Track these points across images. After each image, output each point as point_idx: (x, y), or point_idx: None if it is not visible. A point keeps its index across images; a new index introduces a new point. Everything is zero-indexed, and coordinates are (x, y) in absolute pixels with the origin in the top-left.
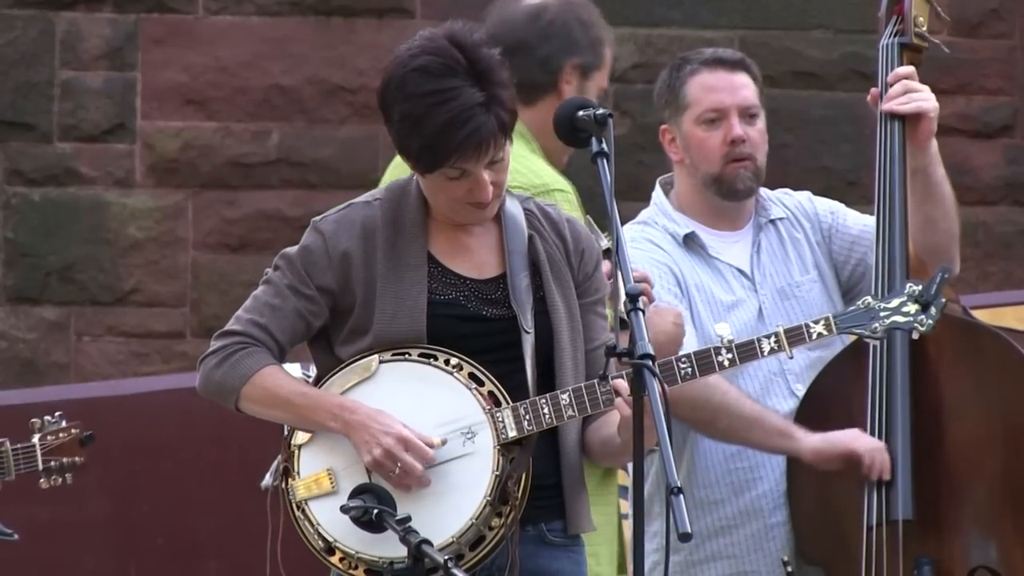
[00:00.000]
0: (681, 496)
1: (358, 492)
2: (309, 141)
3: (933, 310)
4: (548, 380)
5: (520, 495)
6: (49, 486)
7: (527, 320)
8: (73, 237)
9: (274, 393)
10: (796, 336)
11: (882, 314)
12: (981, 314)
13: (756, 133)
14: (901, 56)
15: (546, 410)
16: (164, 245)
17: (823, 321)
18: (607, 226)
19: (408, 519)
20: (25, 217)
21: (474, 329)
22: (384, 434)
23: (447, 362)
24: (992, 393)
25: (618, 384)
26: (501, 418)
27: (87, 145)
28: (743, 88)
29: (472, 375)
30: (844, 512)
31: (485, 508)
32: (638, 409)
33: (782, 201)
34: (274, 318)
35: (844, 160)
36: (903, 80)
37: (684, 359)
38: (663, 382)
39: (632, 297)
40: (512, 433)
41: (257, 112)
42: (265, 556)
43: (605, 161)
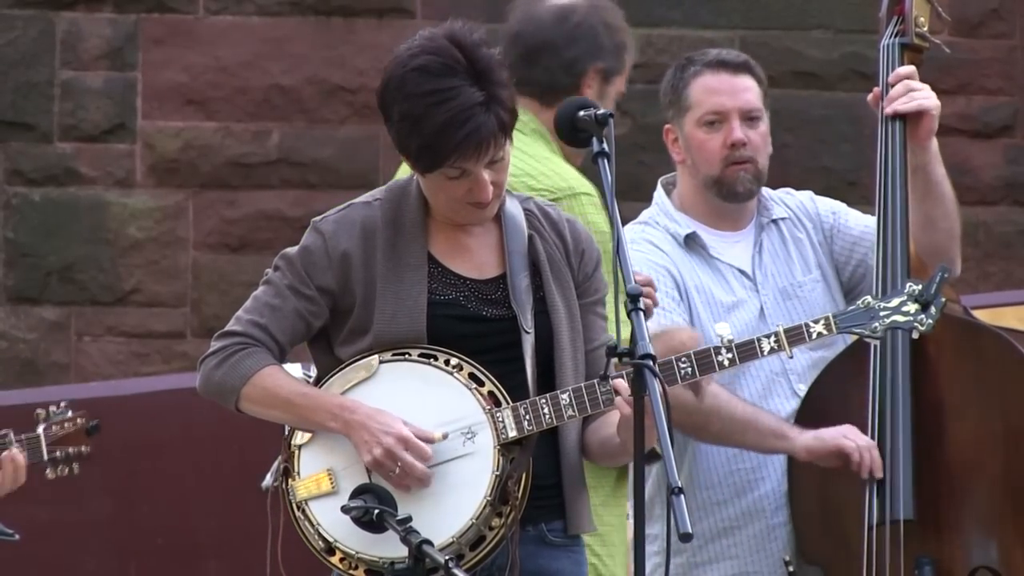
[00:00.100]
0: (682, 496)
1: (358, 492)
2: (309, 141)
3: (933, 309)
4: (548, 380)
5: (520, 495)
6: (55, 476)
7: (527, 320)
8: (73, 237)
9: (274, 393)
10: (796, 336)
11: (882, 314)
12: (981, 314)
13: (757, 136)
14: (902, 56)
15: (546, 410)
16: (164, 245)
17: (823, 321)
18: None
19: (409, 519)
20: (25, 217)
21: (474, 329)
22: (384, 433)
23: (447, 362)
24: (992, 393)
25: (618, 384)
26: (501, 418)
27: (87, 145)
28: (745, 91)
29: (472, 375)
30: (845, 512)
31: (485, 508)
32: (638, 409)
33: (784, 201)
34: (274, 318)
35: (844, 160)
36: (904, 80)
37: (684, 359)
38: (663, 382)
39: (633, 297)
40: (512, 433)
41: (257, 112)
42: (265, 556)
43: (606, 161)
